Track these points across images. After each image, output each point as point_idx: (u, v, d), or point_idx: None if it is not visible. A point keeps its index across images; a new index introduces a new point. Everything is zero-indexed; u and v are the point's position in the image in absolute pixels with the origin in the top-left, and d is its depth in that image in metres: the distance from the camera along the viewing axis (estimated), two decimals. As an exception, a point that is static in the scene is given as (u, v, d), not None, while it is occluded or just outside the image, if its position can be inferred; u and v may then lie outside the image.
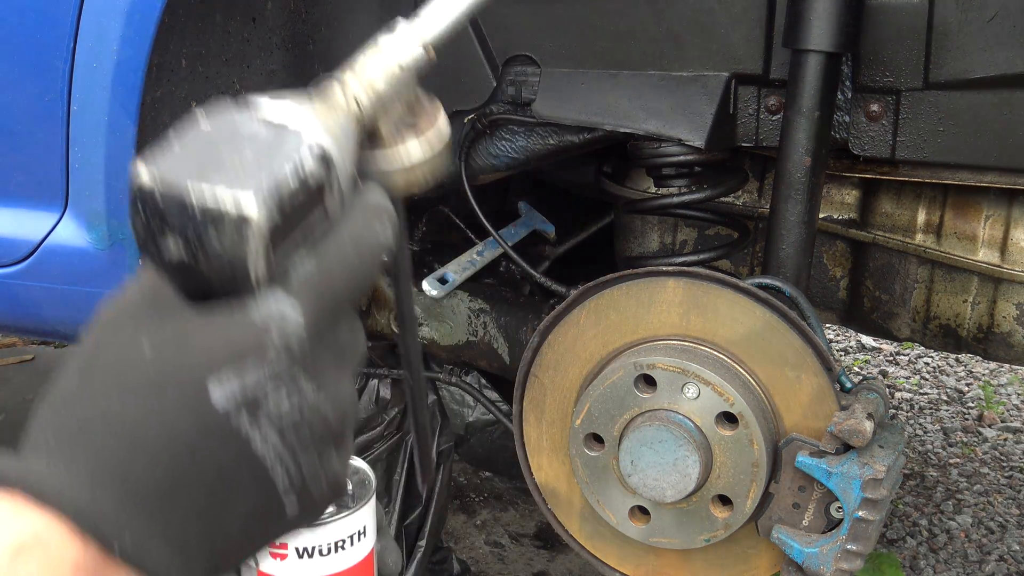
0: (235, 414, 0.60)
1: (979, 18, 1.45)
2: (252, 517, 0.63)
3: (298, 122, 0.66)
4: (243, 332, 0.61)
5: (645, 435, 1.48)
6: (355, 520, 0.89)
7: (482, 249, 2.05)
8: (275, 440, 0.61)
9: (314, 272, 0.64)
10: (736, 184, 1.83)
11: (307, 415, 0.62)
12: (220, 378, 0.60)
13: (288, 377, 0.61)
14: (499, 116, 1.77)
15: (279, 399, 0.61)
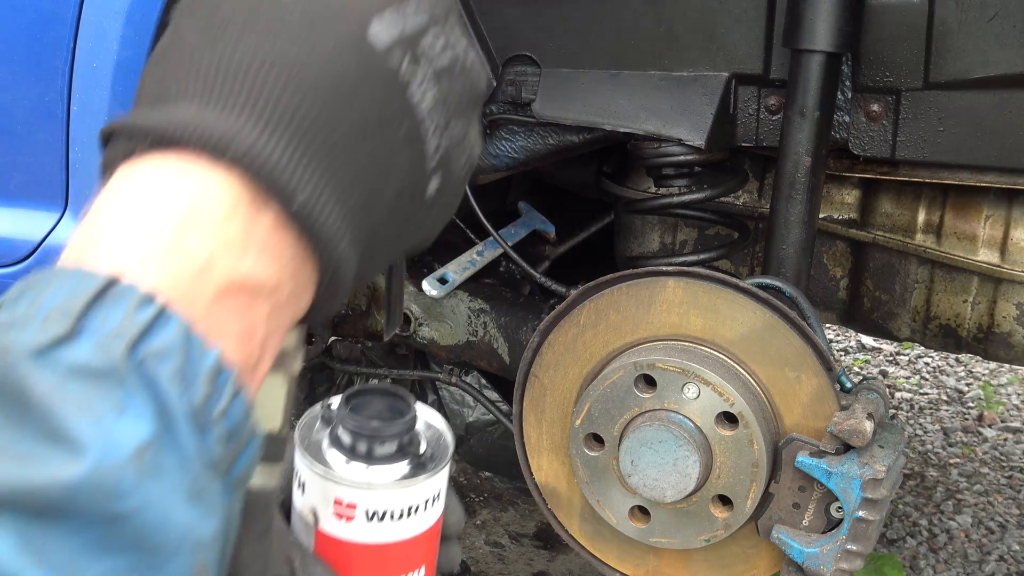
0: (398, 53, 0.57)
1: (979, 18, 1.46)
2: (403, 187, 0.58)
3: None
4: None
5: (645, 435, 1.48)
6: (432, 484, 0.82)
7: (482, 249, 2.05)
8: (431, 89, 0.58)
9: None
10: (736, 184, 1.83)
11: (459, 67, 0.61)
12: (383, 17, 0.57)
13: (445, 24, 0.60)
14: (499, 116, 1.77)
15: (436, 43, 0.59)
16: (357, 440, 0.79)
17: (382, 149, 0.56)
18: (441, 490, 0.85)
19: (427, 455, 0.82)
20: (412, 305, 1.98)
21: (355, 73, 0.55)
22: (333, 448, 0.80)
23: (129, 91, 1.44)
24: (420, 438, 0.82)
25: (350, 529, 0.81)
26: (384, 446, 0.79)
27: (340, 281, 0.57)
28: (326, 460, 0.80)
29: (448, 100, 0.60)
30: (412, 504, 0.81)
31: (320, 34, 0.54)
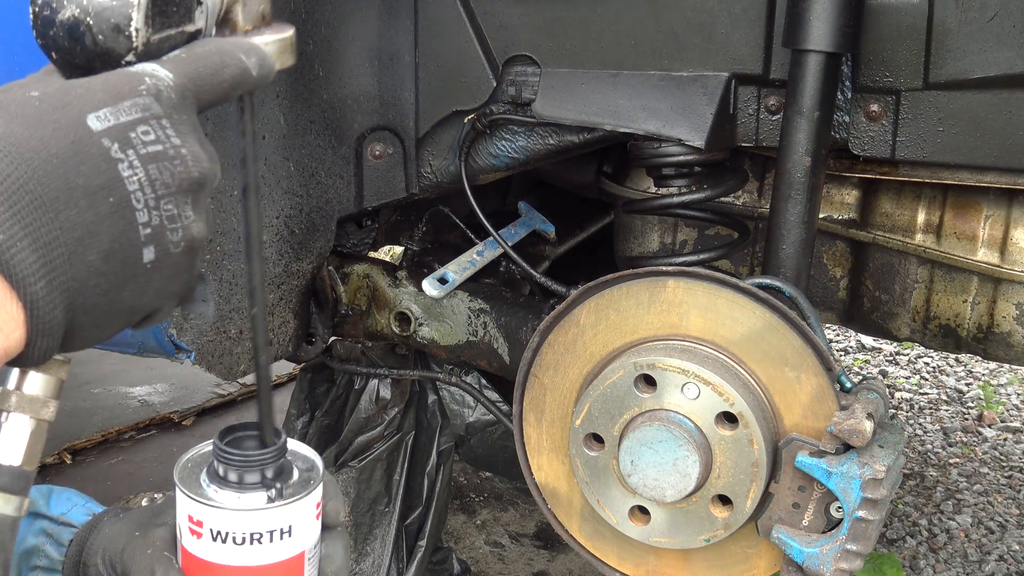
0: (108, 139, 0.68)
1: (979, 18, 1.46)
2: (112, 250, 0.68)
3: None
4: (121, 78, 0.71)
5: (645, 435, 1.48)
6: (276, 515, 0.86)
7: (482, 249, 2.05)
8: (140, 171, 0.68)
9: (184, 56, 0.75)
10: (736, 184, 1.83)
11: (169, 154, 0.70)
12: (98, 112, 0.68)
13: (155, 117, 0.70)
14: (499, 116, 1.77)
15: (147, 132, 0.69)
16: (220, 466, 0.86)
17: (89, 214, 0.66)
18: (293, 525, 0.86)
19: (281, 491, 0.86)
20: (412, 305, 1.98)
21: (67, 151, 0.66)
22: (203, 473, 0.87)
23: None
24: (286, 473, 0.87)
25: (200, 546, 0.86)
26: (239, 474, 0.85)
27: (44, 321, 0.66)
28: (188, 481, 0.86)
29: (157, 183, 0.69)
30: (255, 531, 0.84)
31: (45, 120, 0.67)
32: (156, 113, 0.70)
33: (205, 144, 0.74)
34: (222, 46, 0.77)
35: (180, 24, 0.77)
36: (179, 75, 0.73)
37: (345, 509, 0.96)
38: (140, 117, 0.69)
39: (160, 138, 0.70)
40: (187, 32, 0.78)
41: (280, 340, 1.87)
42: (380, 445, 2.26)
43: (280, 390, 3.90)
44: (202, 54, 0.76)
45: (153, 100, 0.70)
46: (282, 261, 1.81)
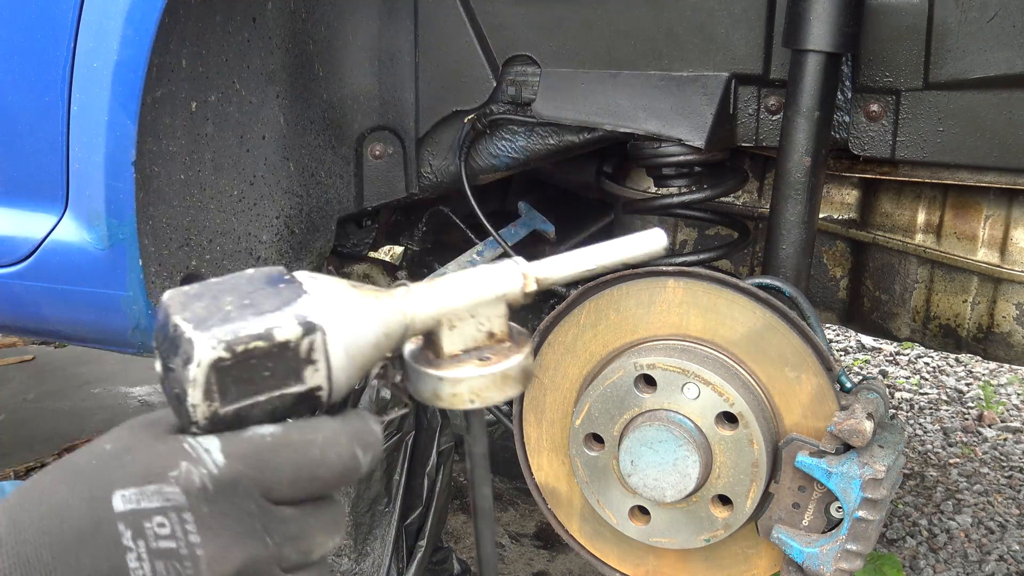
0: (124, 524, 0.64)
1: (979, 18, 1.46)
2: None
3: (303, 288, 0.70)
4: (162, 455, 0.66)
5: (645, 435, 1.48)
6: None
7: (482, 249, 2.05)
8: (146, 565, 0.64)
9: (266, 437, 0.67)
10: (736, 184, 1.83)
11: (181, 553, 0.65)
12: (125, 492, 0.65)
13: (176, 509, 0.65)
14: (499, 116, 1.77)
15: (162, 525, 0.65)
16: None
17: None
18: None
19: None
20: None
21: (87, 526, 0.65)
22: None
23: (129, 91, 1.44)
24: None
25: None
26: None
27: None
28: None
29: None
30: None
31: (75, 487, 0.66)
32: (178, 505, 0.65)
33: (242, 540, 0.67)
34: (329, 437, 0.69)
35: (278, 388, 0.68)
36: (237, 461, 0.66)
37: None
38: (159, 507, 0.65)
39: (175, 534, 0.65)
40: (291, 393, 0.68)
41: (280, 340, 1.87)
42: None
43: (280, 390, 3.90)
44: (289, 443, 0.68)
45: (179, 489, 0.65)
46: (282, 261, 1.81)
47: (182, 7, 1.48)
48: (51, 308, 1.63)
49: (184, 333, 0.67)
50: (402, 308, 0.74)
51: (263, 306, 0.68)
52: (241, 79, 1.63)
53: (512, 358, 0.77)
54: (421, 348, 0.78)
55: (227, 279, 0.71)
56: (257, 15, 1.62)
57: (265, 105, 1.69)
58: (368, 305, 0.72)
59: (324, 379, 0.69)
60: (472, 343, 0.77)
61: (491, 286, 0.77)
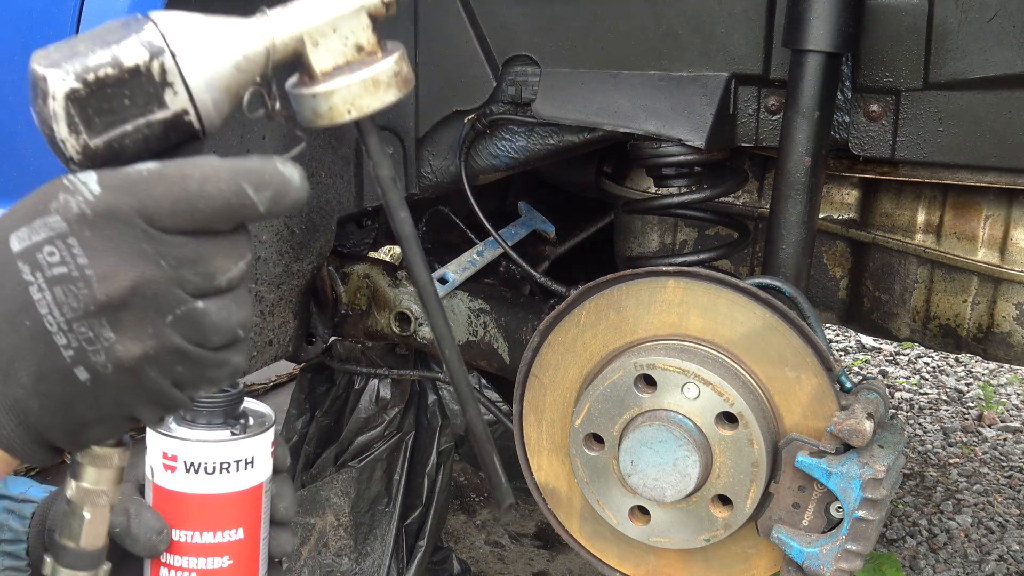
0: (22, 260, 0.68)
1: (979, 18, 1.46)
2: (42, 372, 0.69)
3: (149, 19, 0.72)
4: (42, 194, 0.70)
5: (645, 435, 1.48)
6: (241, 446, 0.97)
7: (482, 249, 2.05)
8: (47, 292, 0.68)
9: (141, 171, 0.70)
10: (736, 184, 1.83)
11: (72, 275, 0.68)
12: (18, 232, 0.69)
13: (60, 236, 0.68)
14: (499, 116, 1.77)
15: (52, 253, 0.68)
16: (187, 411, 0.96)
17: (12, 338, 0.69)
18: (255, 457, 0.98)
19: (244, 427, 0.97)
20: (412, 305, 1.98)
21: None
22: (171, 419, 0.97)
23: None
24: (244, 416, 0.99)
25: (174, 479, 0.96)
26: (205, 415, 0.96)
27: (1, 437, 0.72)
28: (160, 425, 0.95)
29: (64, 306, 0.68)
30: (223, 460, 0.95)
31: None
32: (61, 232, 0.68)
33: (130, 260, 0.69)
34: (208, 172, 0.70)
35: (141, 115, 0.71)
36: (113, 190, 0.69)
37: (288, 459, 1.07)
38: (46, 237, 0.68)
39: (64, 259, 0.68)
40: (157, 120, 0.71)
41: (280, 340, 1.87)
42: (380, 445, 2.26)
43: (280, 390, 3.91)
44: (164, 176, 0.70)
45: (59, 218, 0.68)
46: (282, 261, 1.81)
47: (182, 7, 1.47)
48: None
49: (39, 73, 0.71)
50: (258, 30, 0.75)
51: (109, 39, 0.71)
52: (241, 79, 1.63)
53: (381, 63, 0.79)
54: (298, 75, 0.79)
55: (87, 32, 0.74)
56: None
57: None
58: (219, 27, 0.74)
59: (186, 101, 0.71)
60: (342, 59, 0.78)
61: (352, 8, 0.78)
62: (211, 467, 0.96)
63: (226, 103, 0.74)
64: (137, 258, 0.69)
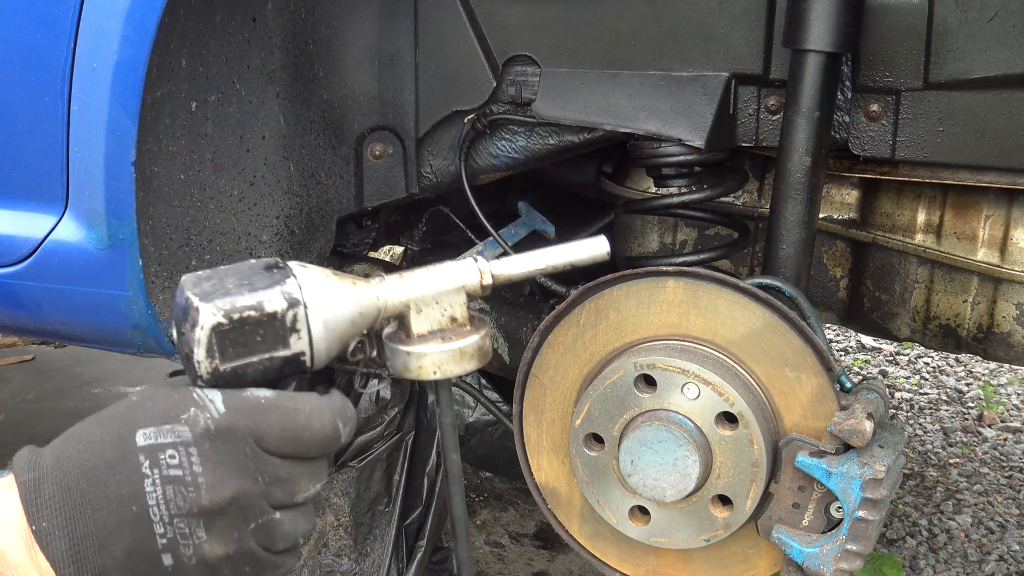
0: (143, 455, 0.80)
1: (979, 18, 1.46)
2: (134, 550, 0.80)
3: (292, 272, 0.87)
4: (176, 402, 0.82)
5: (645, 435, 1.48)
6: None
7: (482, 249, 2.05)
8: (159, 489, 0.80)
9: (260, 397, 0.83)
10: (736, 184, 1.83)
11: (186, 480, 0.80)
12: (146, 430, 0.81)
13: (183, 444, 0.80)
14: (499, 116, 1.77)
15: (172, 456, 0.80)
16: None
17: (115, 516, 0.80)
18: None
19: None
20: (412, 305, 1.97)
21: (113, 459, 0.81)
22: None
23: (129, 91, 1.44)
24: None
25: None
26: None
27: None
28: None
29: (171, 503, 0.81)
30: None
31: (107, 426, 0.82)
32: (186, 440, 0.81)
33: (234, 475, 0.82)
34: (314, 407, 0.85)
35: (267, 351, 0.84)
36: (235, 411, 0.82)
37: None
38: (171, 441, 0.80)
39: (182, 464, 0.80)
40: (279, 357, 0.85)
41: (280, 340, 1.87)
42: (380, 445, 2.26)
43: (280, 390, 3.90)
44: (279, 406, 0.84)
45: (187, 428, 0.81)
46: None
47: (182, 7, 1.48)
48: (51, 308, 1.63)
49: (193, 303, 0.83)
50: (376, 293, 0.90)
51: (257, 285, 0.85)
52: (241, 79, 1.63)
53: (469, 337, 0.94)
54: (395, 330, 0.94)
55: (232, 266, 0.88)
56: (257, 15, 1.62)
57: (265, 105, 1.69)
58: (346, 288, 0.89)
59: (306, 346, 0.85)
60: (437, 326, 0.93)
61: (453, 278, 0.93)
62: None
63: (336, 348, 0.89)
64: (242, 473, 0.82)
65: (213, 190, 1.63)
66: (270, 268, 0.87)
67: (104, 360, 4.05)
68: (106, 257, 1.53)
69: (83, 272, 1.56)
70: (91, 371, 4.02)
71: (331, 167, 1.84)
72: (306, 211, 1.82)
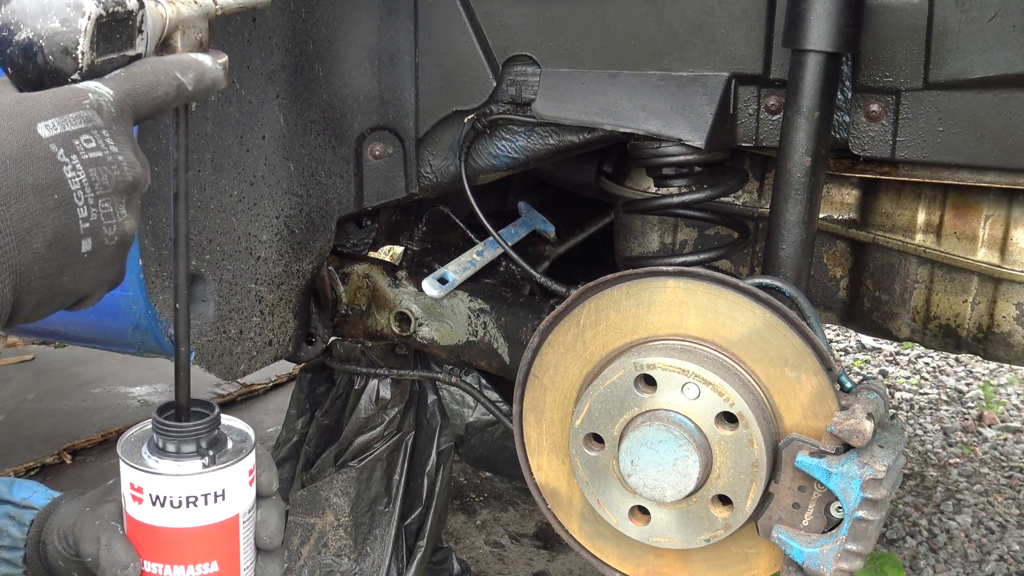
0: (55, 144, 0.79)
1: (979, 18, 1.46)
2: (55, 240, 0.79)
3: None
4: (68, 93, 0.82)
5: (645, 435, 1.48)
6: (210, 479, 0.96)
7: (482, 249, 2.05)
8: (81, 173, 0.80)
9: (123, 75, 0.87)
10: (736, 184, 1.83)
11: (107, 160, 0.81)
12: (47, 121, 0.80)
13: (96, 128, 0.81)
14: (499, 116, 1.77)
15: (88, 140, 0.81)
16: (159, 438, 0.97)
17: (36, 208, 0.78)
18: (227, 489, 0.97)
19: (214, 458, 0.96)
20: (412, 305, 1.98)
21: (19, 153, 0.78)
22: (144, 446, 0.97)
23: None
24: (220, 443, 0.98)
25: (140, 511, 0.96)
26: (175, 443, 0.97)
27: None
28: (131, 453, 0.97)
29: (96, 184, 0.81)
30: (190, 494, 0.95)
31: (1, 126, 0.79)
32: (97, 124, 0.82)
33: (139, 152, 0.85)
34: (157, 66, 0.89)
35: (122, 49, 0.88)
36: (119, 92, 0.85)
37: (276, 481, 1.07)
38: (83, 127, 0.81)
39: (100, 146, 0.81)
40: (128, 56, 0.89)
41: (280, 340, 1.87)
42: (380, 445, 2.26)
43: (280, 390, 3.91)
44: (139, 73, 0.87)
45: (95, 113, 0.82)
46: (282, 261, 1.81)
47: (182, 7, 1.47)
48: (51, 308, 1.62)
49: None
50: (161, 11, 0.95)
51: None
52: (241, 79, 1.63)
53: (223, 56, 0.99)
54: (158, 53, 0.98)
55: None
56: (257, 15, 1.62)
57: (265, 105, 1.69)
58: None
59: (143, 47, 0.90)
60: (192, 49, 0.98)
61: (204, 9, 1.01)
62: (177, 501, 0.95)
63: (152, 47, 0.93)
64: (137, 147, 0.85)
65: (213, 190, 1.63)
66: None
67: (104, 360, 4.05)
68: (106, 257, 1.53)
69: (83, 272, 1.56)
70: (91, 371, 4.02)
71: (331, 167, 1.84)
72: (306, 211, 1.82)
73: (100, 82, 0.85)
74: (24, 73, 0.85)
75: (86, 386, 3.92)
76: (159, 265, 1.57)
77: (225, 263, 1.69)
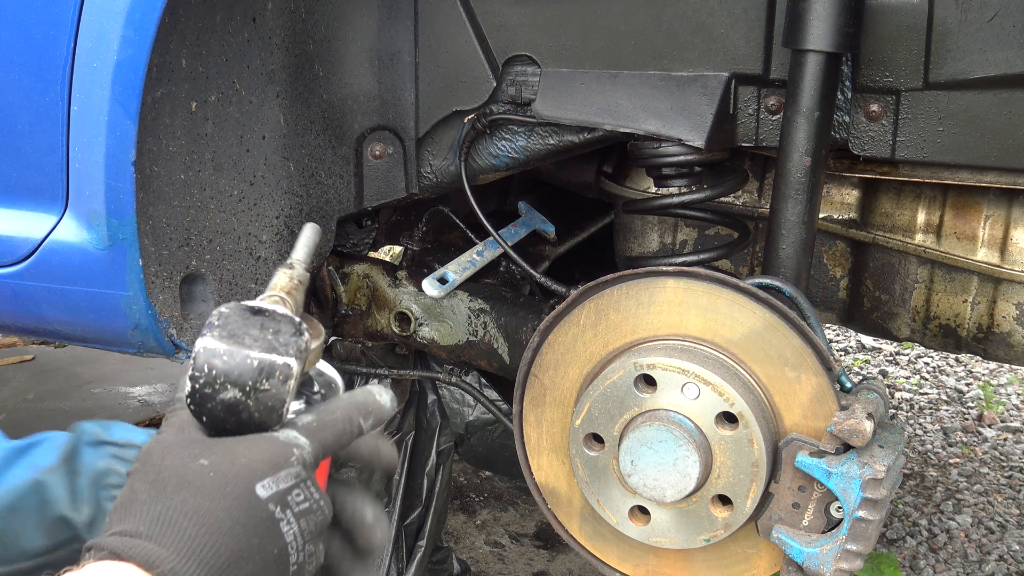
0: (272, 503, 0.88)
1: (979, 18, 1.46)
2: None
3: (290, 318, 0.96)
4: (276, 451, 0.90)
5: (645, 435, 1.48)
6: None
7: (482, 249, 2.05)
8: (295, 525, 0.89)
9: (316, 424, 0.94)
10: (736, 184, 1.83)
11: (314, 508, 0.90)
12: (263, 482, 0.88)
13: (303, 481, 0.90)
14: (499, 116, 1.77)
15: (298, 495, 0.89)
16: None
17: (259, 565, 0.87)
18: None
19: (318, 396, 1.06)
20: (412, 305, 1.98)
21: (244, 517, 0.86)
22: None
23: (129, 91, 1.44)
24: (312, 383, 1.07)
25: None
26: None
27: None
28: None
29: (306, 532, 0.90)
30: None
31: (224, 492, 0.87)
32: (303, 477, 0.90)
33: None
34: (347, 411, 0.96)
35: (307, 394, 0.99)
36: (314, 442, 0.92)
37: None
38: (293, 484, 0.89)
39: (307, 497, 0.90)
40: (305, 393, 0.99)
41: (280, 340, 1.87)
42: (380, 445, 2.26)
43: (280, 390, 3.90)
44: (331, 423, 0.95)
45: (301, 468, 0.90)
46: (282, 261, 1.81)
47: (182, 7, 1.48)
48: (51, 308, 1.63)
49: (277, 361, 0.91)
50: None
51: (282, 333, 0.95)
52: (241, 79, 1.63)
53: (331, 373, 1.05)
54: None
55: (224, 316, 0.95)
56: (257, 15, 1.62)
57: (265, 105, 1.69)
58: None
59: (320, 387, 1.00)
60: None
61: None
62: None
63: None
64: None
65: (213, 190, 1.63)
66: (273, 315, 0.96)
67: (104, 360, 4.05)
68: (106, 257, 1.53)
69: (83, 272, 1.56)
70: (91, 371, 4.02)
71: (331, 167, 1.84)
72: (306, 211, 1.82)
73: (298, 432, 0.92)
74: (223, 425, 0.90)
75: (86, 386, 3.92)
76: (159, 265, 1.57)
77: (225, 263, 1.69)
